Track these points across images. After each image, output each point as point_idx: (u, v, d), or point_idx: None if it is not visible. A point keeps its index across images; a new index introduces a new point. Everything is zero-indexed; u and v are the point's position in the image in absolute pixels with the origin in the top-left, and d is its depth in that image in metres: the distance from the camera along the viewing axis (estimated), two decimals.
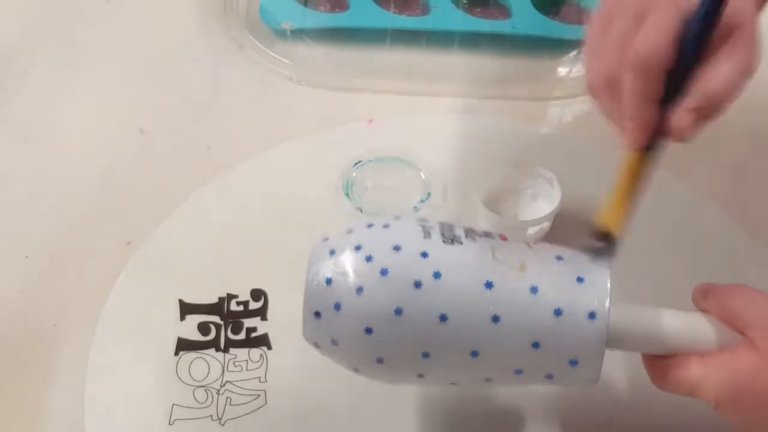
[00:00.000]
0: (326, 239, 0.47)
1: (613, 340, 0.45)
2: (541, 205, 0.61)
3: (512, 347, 0.45)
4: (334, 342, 0.46)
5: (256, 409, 0.55)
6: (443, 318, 0.44)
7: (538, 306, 0.45)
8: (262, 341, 0.58)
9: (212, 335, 0.58)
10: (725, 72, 0.47)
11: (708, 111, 0.47)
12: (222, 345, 0.58)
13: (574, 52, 0.74)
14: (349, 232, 0.47)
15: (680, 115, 0.47)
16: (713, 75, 0.47)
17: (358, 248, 0.45)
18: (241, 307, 0.59)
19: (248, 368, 0.57)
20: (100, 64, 0.73)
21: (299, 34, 0.74)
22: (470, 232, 0.47)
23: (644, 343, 0.47)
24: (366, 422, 0.55)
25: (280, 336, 0.58)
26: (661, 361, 0.46)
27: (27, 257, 0.62)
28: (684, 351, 0.45)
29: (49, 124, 0.69)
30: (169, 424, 0.54)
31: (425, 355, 0.45)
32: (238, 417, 0.55)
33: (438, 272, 0.44)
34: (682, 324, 0.46)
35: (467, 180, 0.64)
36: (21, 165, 0.67)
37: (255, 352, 0.57)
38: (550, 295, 0.45)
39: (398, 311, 0.44)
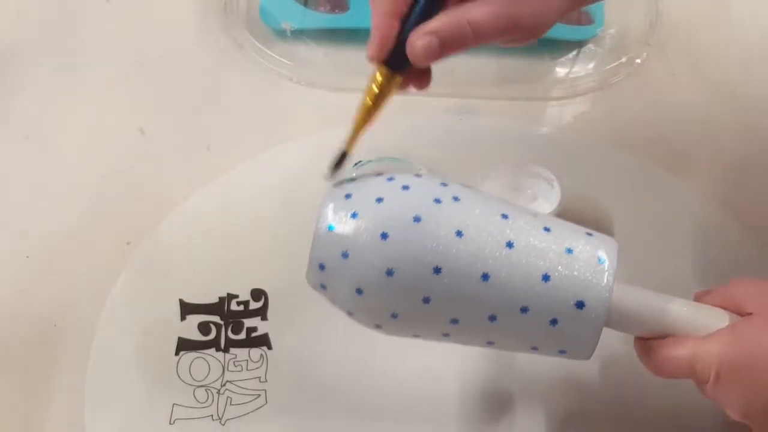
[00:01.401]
0: (342, 184, 0.48)
1: (617, 309, 0.45)
2: (540, 205, 0.61)
3: (523, 275, 0.45)
4: (344, 254, 0.45)
5: (256, 409, 0.55)
6: (459, 233, 0.44)
7: (551, 241, 0.45)
8: (263, 341, 0.58)
9: (212, 335, 0.58)
10: (478, 12, 0.47)
11: (448, 41, 0.47)
12: (222, 345, 0.58)
13: (574, 52, 0.74)
14: (371, 176, 0.48)
15: (417, 34, 0.47)
16: (465, 9, 0.47)
17: (379, 174, 0.47)
18: (241, 307, 0.59)
19: (248, 368, 0.57)
20: (100, 64, 0.73)
21: (299, 34, 0.74)
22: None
23: (646, 320, 0.46)
24: (366, 422, 0.55)
25: (280, 336, 0.58)
26: (656, 342, 0.46)
27: (27, 257, 0.62)
28: (686, 333, 0.45)
29: (50, 123, 0.69)
30: (170, 423, 0.54)
31: (436, 270, 0.45)
32: (239, 417, 0.55)
33: (457, 197, 0.46)
34: (687, 308, 0.46)
35: (467, 180, 0.63)
36: (21, 165, 0.67)
37: (255, 352, 0.57)
38: (562, 236, 0.46)
39: (417, 219, 0.44)
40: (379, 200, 0.45)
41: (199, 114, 0.70)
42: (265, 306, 0.59)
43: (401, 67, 0.49)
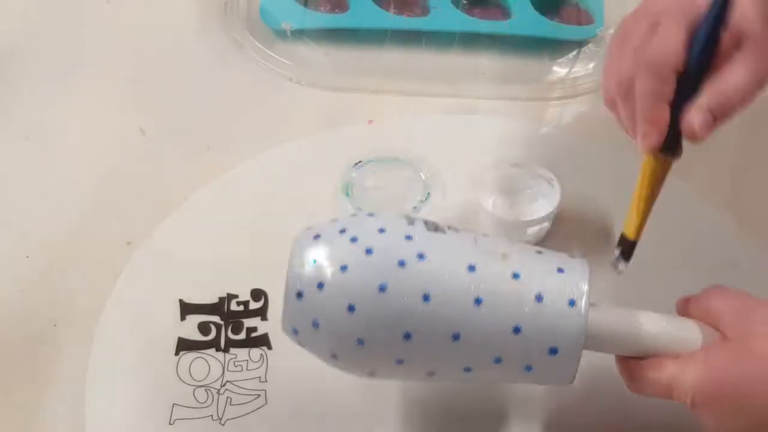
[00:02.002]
0: (310, 227, 0.48)
1: (592, 337, 0.46)
2: (541, 205, 0.61)
3: (493, 330, 0.45)
4: (315, 324, 0.46)
5: (256, 409, 0.55)
6: (426, 297, 0.45)
7: (519, 291, 0.45)
8: (262, 341, 0.58)
9: (212, 335, 0.58)
10: (737, 76, 0.48)
11: (719, 112, 0.48)
12: (222, 345, 0.58)
13: (574, 53, 0.74)
14: (334, 220, 0.48)
15: (692, 113, 0.49)
16: (725, 78, 0.48)
17: (342, 231, 0.46)
18: (241, 307, 0.59)
19: (248, 368, 0.57)
20: (100, 64, 0.73)
21: (299, 34, 0.74)
22: (452, 227, 0.48)
23: (623, 343, 0.47)
24: (366, 422, 0.55)
25: (280, 336, 0.57)
26: (636, 363, 0.47)
27: (27, 257, 0.62)
28: (664, 352, 0.46)
29: (50, 123, 0.69)
30: (170, 424, 0.54)
31: (407, 336, 0.45)
32: (239, 417, 0.55)
33: (422, 253, 0.45)
34: (663, 325, 0.47)
35: (467, 180, 0.64)
36: (21, 165, 0.67)
37: (255, 352, 0.57)
38: (531, 282, 0.45)
39: (382, 288, 0.45)
40: (344, 268, 0.45)
41: (199, 114, 0.70)
42: (265, 306, 0.59)
43: (673, 150, 0.51)
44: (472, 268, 0.45)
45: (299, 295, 0.46)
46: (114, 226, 0.63)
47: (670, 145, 0.50)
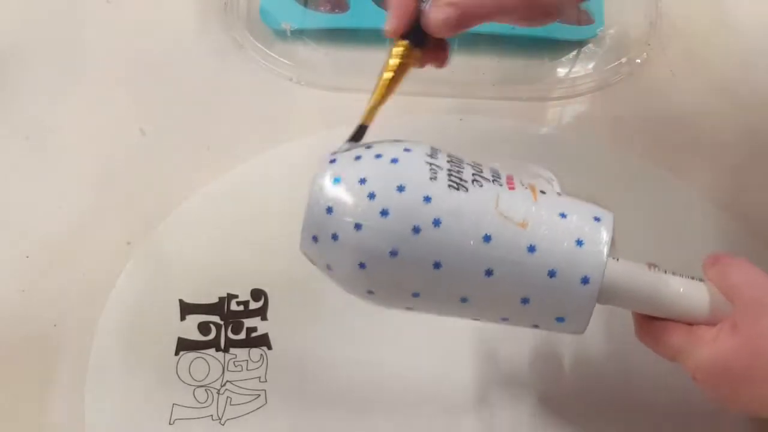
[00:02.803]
0: (333, 161, 0.47)
1: (606, 296, 0.46)
2: None
3: (502, 300, 0.46)
4: (329, 267, 0.46)
5: (256, 409, 0.55)
6: (437, 265, 0.45)
7: (533, 265, 0.45)
8: (262, 341, 0.58)
9: (212, 335, 0.58)
10: None
11: (466, 11, 0.48)
12: (222, 345, 0.58)
13: (574, 52, 0.74)
14: (358, 158, 0.46)
15: (435, 7, 0.48)
16: None
17: (362, 181, 0.45)
18: (241, 307, 0.59)
19: (248, 368, 0.57)
20: (100, 64, 0.73)
21: (299, 34, 0.74)
22: (478, 174, 0.47)
23: (637, 303, 0.47)
24: (366, 422, 0.55)
25: (280, 336, 0.58)
26: (651, 321, 0.47)
27: (27, 257, 0.62)
28: (677, 316, 0.46)
29: (50, 123, 0.69)
30: (170, 423, 0.54)
31: (415, 294, 0.46)
32: (238, 417, 0.55)
33: (438, 219, 0.44)
34: (680, 289, 0.47)
35: None
36: (21, 165, 0.67)
37: (255, 352, 0.57)
38: (546, 256, 0.45)
39: (393, 253, 0.44)
40: (358, 227, 0.44)
41: (199, 114, 0.70)
42: (265, 306, 0.59)
43: (420, 42, 0.50)
44: (487, 238, 0.44)
45: (315, 239, 0.46)
46: (114, 226, 0.63)
47: (416, 37, 0.50)
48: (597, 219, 0.46)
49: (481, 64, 0.73)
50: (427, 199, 0.44)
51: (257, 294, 0.60)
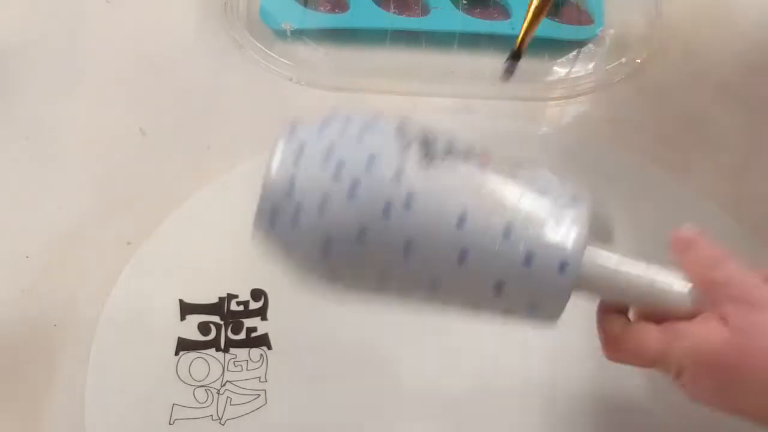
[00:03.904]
0: (295, 128, 0.43)
1: (583, 283, 0.43)
2: None
3: (474, 287, 0.43)
4: (286, 249, 0.43)
5: (256, 409, 0.55)
6: (407, 248, 0.41)
7: (508, 250, 0.42)
8: (262, 341, 0.58)
9: (212, 335, 0.58)
10: None
11: None
12: (222, 345, 0.58)
13: (574, 53, 0.74)
14: (323, 126, 0.43)
15: None
16: None
17: (329, 154, 0.41)
18: (241, 307, 0.59)
19: (248, 368, 0.57)
20: (100, 64, 0.73)
21: (299, 34, 0.74)
22: (452, 150, 0.43)
23: (610, 291, 0.44)
24: (366, 422, 0.55)
25: (280, 336, 0.58)
26: (618, 333, 0.45)
27: (27, 257, 0.62)
28: (648, 305, 0.44)
29: (50, 124, 0.69)
30: (170, 423, 0.54)
31: (382, 278, 0.43)
32: (238, 417, 0.55)
33: (409, 199, 0.41)
34: (661, 278, 0.44)
35: None
36: (21, 165, 0.67)
37: (255, 352, 0.57)
38: (522, 240, 0.42)
39: (362, 233, 0.41)
40: (322, 206, 0.41)
41: (199, 114, 0.70)
42: (265, 306, 0.59)
43: None
44: (462, 221, 0.41)
45: (273, 216, 0.43)
46: (114, 226, 0.63)
47: None
48: (576, 200, 0.44)
49: (481, 64, 0.73)
50: (398, 175, 0.41)
51: (257, 294, 0.60)
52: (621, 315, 0.45)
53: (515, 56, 0.48)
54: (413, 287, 0.43)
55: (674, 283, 0.44)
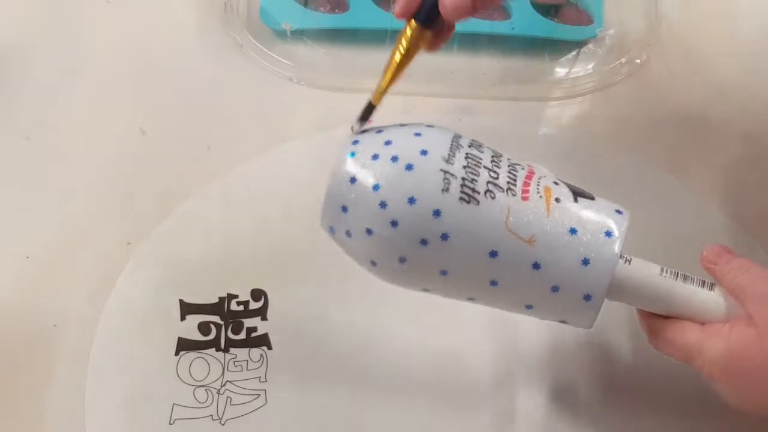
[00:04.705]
0: (353, 154, 0.47)
1: (616, 292, 0.47)
2: None
3: (506, 303, 0.48)
4: (345, 238, 0.47)
5: (256, 409, 0.55)
6: (443, 273, 0.46)
7: (537, 281, 0.46)
8: (262, 341, 0.58)
9: (212, 335, 0.58)
10: None
11: None
12: (222, 345, 0.58)
13: (574, 53, 0.74)
14: (375, 158, 0.46)
15: None
16: None
17: (375, 188, 0.45)
18: (241, 307, 0.59)
19: (248, 368, 0.57)
20: (100, 64, 0.73)
21: (299, 34, 0.74)
22: (493, 181, 0.46)
23: (647, 302, 0.48)
24: (366, 422, 0.55)
25: (280, 336, 0.58)
26: (658, 322, 0.47)
27: (27, 257, 0.62)
28: (688, 316, 0.47)
29: (50, 123, 0.69)
30: (170, 423, 0.54)
31: (425, 289, 0.49)
32: (239, 417, 0.55)
33: (446, 234, 0.45)
34: (691, 294, 0.47)
35: None
36: (21, 165, 0.67)
37: (255, 352, 0.57)
38: (551, 273, 0.45)
39: (402, 260, 0.46)
40: (369, 232, 0.46)
41: (199, 114, 0.70)
42: (265, 306, 0.59)
43: (430, 23, 0.50)
44: (494, 254, 0.45)
45: (331, 229, 0.48)
46: (114, 226, 0.63)
47: (426, 19, 0.50)
48: (608, 234, 0.46)
49: (481, 64, 0.73)
50: (437, 213, 0.45)
51: (257, 294, 0.60)
52: None
53: (367, 111, 0.49)
54: (454, 296, 0.49)
55: (703, 293, 0.47)
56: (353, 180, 0.46)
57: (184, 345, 0.57)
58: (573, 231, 0.46)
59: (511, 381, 0.56)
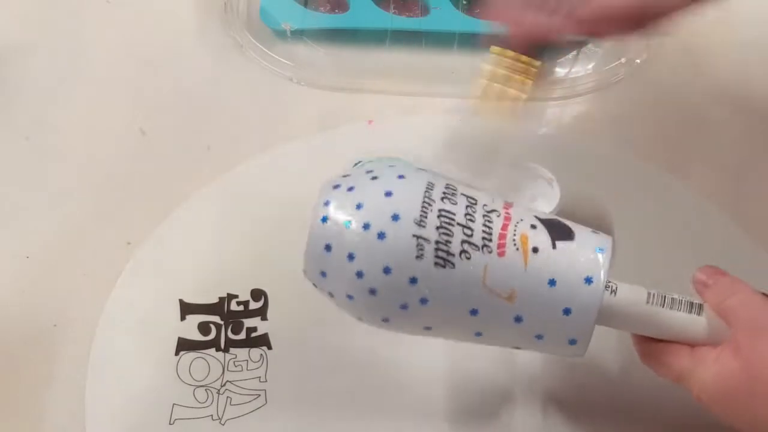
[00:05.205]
0: (325, 219, 0.47)
1: (606, 319, 0.47)
2: (540, 205, 0.61)
3: (495, 346, 0.50)
4: (330, 297, 0.48)
5: (256, 409, 0.55)
6: (427, 328, 0.48)
7: (521, 331, 0.47)
8: (262, 341, 0.58)
9: (212, 335, 0.58)
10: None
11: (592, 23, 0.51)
12: (222, 345, 0.58)
13: (574, 53, 0.74)
14: (347, 224, 0.46)
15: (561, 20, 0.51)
16: None
17: (350, 257, 0.45)
18: (241, 307, 0.59)
19: (248, 368, 0.57)
20: (100, 64, 0.73)
21: (299, 34, 0.74)
22: (467, 241, 0.45)
23: (635, 330, 0.48)
24: (366, 422, 0.55)
25: (280, 336, 0.58)
26: (651, 345, 0.48)
27: (27, 257, 0.62)
28: (675, 338, 0.47)
29: (50, 123, 0.69)
30: (170, 423, 0.54)
31: (413, 336, 0.50)
32: (238, 417, 0.55)
33: (424, 298, 0.45)
34: (678, 319, 0.47)
35: (467, 180, 0.63)
36: (21, 165, 0.67)
37: (255, 352, 0.57)
38: (533, 325, 0.46)
39: (385, 320, 0.47)
40: (350, 298, 0.46)
41: (199, 114, 0.70)
42: (265, 306, 0.59)
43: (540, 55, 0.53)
44: (474, 312, 0.46)
45: (314, 285, 0.49)
46: (114, 226, 0.63)
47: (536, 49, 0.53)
48: (588, 281, 0.46)
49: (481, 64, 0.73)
50: (413, 280, 0.45)
51: (257, 294, 0.60)
52: None
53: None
54: (443, 340, 0.50)
55: (690, 318, 0.47)
56: (328, 248, 0.46)
57: (184, 345, 0.57)
58: (552, 282, 0.45)
59: (509, 398, 0.56)
